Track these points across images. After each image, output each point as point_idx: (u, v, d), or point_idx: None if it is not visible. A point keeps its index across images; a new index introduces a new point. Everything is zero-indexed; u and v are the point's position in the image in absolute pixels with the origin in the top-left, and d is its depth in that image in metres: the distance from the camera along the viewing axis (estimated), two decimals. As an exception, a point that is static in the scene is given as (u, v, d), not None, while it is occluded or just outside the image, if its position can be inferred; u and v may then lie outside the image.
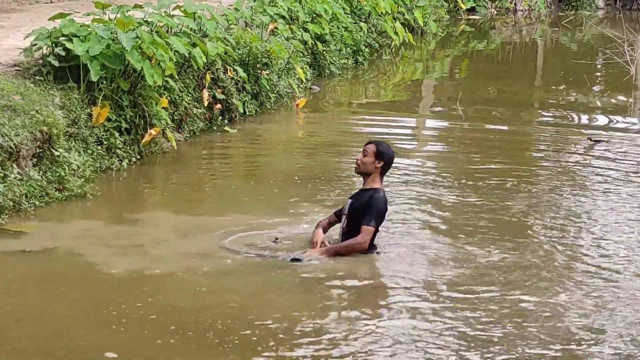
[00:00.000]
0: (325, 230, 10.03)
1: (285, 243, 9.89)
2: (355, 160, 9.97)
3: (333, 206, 10.83)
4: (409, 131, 16.65)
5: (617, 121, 17.74)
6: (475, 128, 16.55)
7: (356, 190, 10.14)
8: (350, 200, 9.87)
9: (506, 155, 14.73)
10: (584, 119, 18.17)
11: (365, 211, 9.56)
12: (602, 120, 17.94)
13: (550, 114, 18.43)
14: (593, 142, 15.34)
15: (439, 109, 18.76)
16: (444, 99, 19.46)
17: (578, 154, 14.81)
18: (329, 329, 8.05)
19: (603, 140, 15.47)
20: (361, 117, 17.10)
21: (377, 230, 9.62)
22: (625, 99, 20.04)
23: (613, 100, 19.92)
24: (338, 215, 10.02)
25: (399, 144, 15.07)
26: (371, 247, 9.63)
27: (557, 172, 13.87)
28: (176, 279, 9.10)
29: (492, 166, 13.88)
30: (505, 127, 17.11)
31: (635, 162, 14.28)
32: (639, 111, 19.11)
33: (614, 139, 15.73)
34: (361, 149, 9.97)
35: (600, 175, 13.56)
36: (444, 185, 12.78)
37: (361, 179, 10.05)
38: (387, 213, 9.86)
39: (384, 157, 9.81)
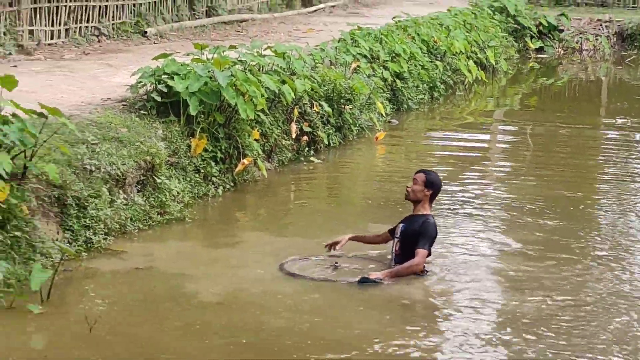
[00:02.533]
0: (369, 241, 10.26)
1: (353, 266, 9.92)
2: (406, 188, 10.01)
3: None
4: (480, 159, 16.63)
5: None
6: (541, 158, 16.49)
7: (407, 215, 10.06)
8: (402, 225, 9.85)
9: (570, 182, 14.65)
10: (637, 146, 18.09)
11: (419, 236, 9.56)
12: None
13: (613, 146, 18.25)
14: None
15: (508, 137, 18.81)
16: (514, 129, 19.44)
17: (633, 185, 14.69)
18: (404, 341, 8.14)
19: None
20: (435, 147, 17.09)
21: (429, 254, 9.67)
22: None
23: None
24: (391, 232, 10.04)
25: (470, 169, 15.25)
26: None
27: (620, 198, 13.84)
28: (262, 299, 9.17)
29: (557, 192, 13.83)
30: (570, 154, 17.00)
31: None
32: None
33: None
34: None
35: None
36: (512, 210, 12.79)
37: (412, 206, 10.02)
38: (438, 235, 9.86)
39: (433, 186, 9.87)
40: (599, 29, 33.55)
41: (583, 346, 8.13)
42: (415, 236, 9.62)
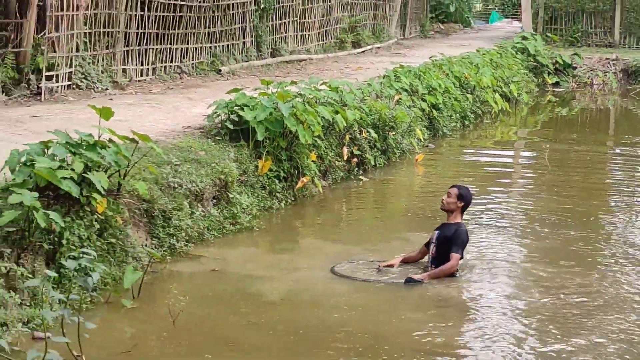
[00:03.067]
0: (414, 260, 10.07)
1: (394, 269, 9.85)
2: (441, 200, 10.02)
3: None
4: (505, 177, 16.58)
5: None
6: (557, 175, 16.40)
7: (441, 223, 10.05)
8: (437, 232, 9.85)
9: (582, 196, 14.54)
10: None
11: (452, 242, 9.59)
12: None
13: (619, 165, 18.12)
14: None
15: (529, 158, 18.73)
16: (534, 151, 19.35)
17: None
18: (453, 340, 8.19)
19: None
20: (466, 167, 17.04)
21: (462, 257, 9.67)
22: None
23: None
24: (427, 244, 9.98)
25: (496, 185, 15.17)
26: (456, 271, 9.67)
27: (625, 210, 13.72)
28: (317, 297, 9.23)
29: (571, 204, 13.74)
30: (581, 173, 16.90)
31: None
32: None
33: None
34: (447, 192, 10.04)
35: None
36: (531, 220, 12.72)
37: (445, 215, 10.04)
38: (469, 241, 9.92)
39: (464, 199, 9.92)
40: (607, 66, 33.36)
41: (594, 338, 8.11)
42: (449, 242, 9.65)
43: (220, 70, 21.22)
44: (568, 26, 39.06)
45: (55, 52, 16.25)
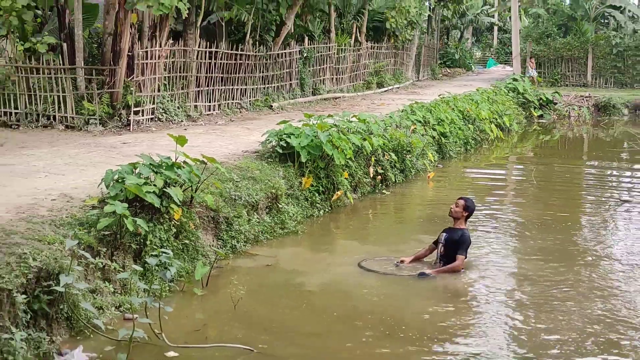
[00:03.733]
0: (423, 256, 9.96)
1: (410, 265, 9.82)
2: (450, 209, 9.94)
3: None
4: (499, 189, 16.48)
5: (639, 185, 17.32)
6: (541, 189, 16.28)
7: (448, 227, 9.90)
8: (444, 234, 9.74)
9: (562, 205, 14.38)
10: (615, 183, 17.76)
11: (459, 244, 9.51)
12: (628, 184, 17.53)
13: (592, 180, 17.93)
14: (623, 201, 14.93)
15: (518, 174, 18.61)
16: (522, 169, 19.24)
17: (610, 211, 14.38)
18: (459, 322, 8.15)
19: (629, 200, 15.05)
20: (468, 182, 16.95)
21: (466, 257, 9.58)
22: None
23: (637, 172, 19.36)
24: (435, 243, 9.90)
25: (492, 196, 15.05)
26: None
27: (597, 216, 13.57)
28: (349, 287, 9.19)
29: (553, 212, 13.60)
30: (561, 187, 16.76)
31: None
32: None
33: (635, 200, 15.27)
34: (455, 202, 9.97)
35: (627, 221, 13.30)
36: (520, 225, 12.64)
37: (452, 220, 9.91)
38: (472, 244, 9.82)
39: (469, 209, 9.85)
40: (582, 102, 33.27)
41: (574, 319, 8.09)
42: (455, 244, 9.57)
43: (272, 106, 21.32)
44: (550, 70, 39.02)
45: (141, 92, 16.41)
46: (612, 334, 7.78)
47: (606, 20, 43.16)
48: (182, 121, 17.46)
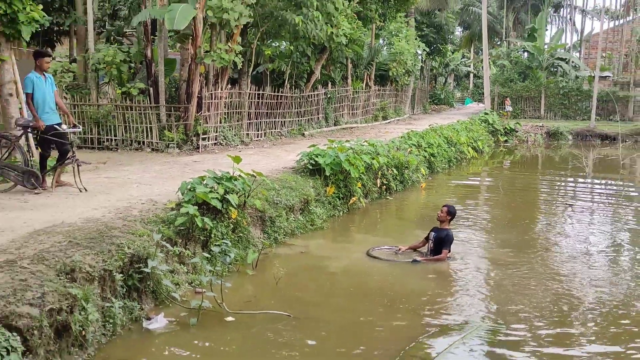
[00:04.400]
0: (416, 247, 9.83)
1: (405, 252, 9.77)
2: (437, 214, 9.84)
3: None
4: (474, 195, 16.37)
5: (580, 192, 17.13)
6: (507, 195, 16.14)
7: (435, 227, 9.79)
8: (433, 233, 9.63)
9: (523, 208, 14.27)
10: (562, 190, 17.57)
11: (444, 242, 9.40)
12: (571, 192, 17.35)
13: (546, 187, 17.73)
14: (568, 205, 14.80)
15: (489, 184, 18.48)
16: (492, 180, 19.10)
17: (559, 211, 14.28)
18: (444, 296, 8.11)
19: (574, 204, 14.91)
20: (451, 189, 16.83)
21: (449, 251, 9.45)
22: (583, 181, 19.27)
23: (578, 182, 19.18)
24: (426, 238, 9.79)
25: (469, 200, 14.96)
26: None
27: (552, 216, 13.47)
28: (364, 269, 9.14)
29: (515, 213, 13.51)
30: (521, 193, 16.59)
31: (589, 214, 13.79)
32: (590, 187, 18.26)
33: (577, 203, 15.13)
34: (440, 209, 9.88)
35: (571, 218, 13.16)
36: (491, 222, 12.56)
37: (438, 222, 9.80)
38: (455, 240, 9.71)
39: (452, 213, 9.74)
40: (536, 130, 33.00)
41: (535, 294, 8.03)
42: (441, 241, 9.47)
43: (304, 134, 21.33)
44: (512, 106, 38.72)
45: (207, 123, 16.49)
46: (563, 304, 7.75)
47: (555, 69, 42.82)
48: (237, 145, 17.52)
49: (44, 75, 9.95)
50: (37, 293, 5.56)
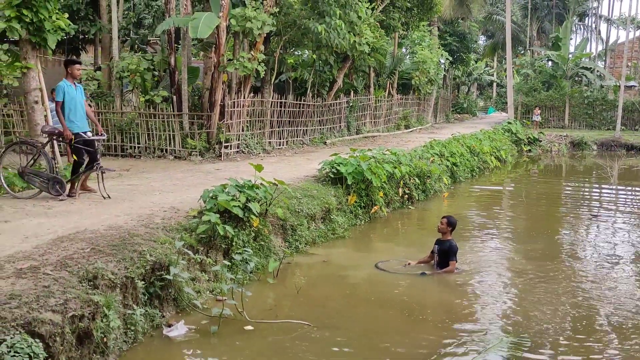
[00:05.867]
0: (425, 262, 9.57)
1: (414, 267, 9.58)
2: (437, 226, 9.58)
3: (461, 239, 10.71)
4: (497, 204, 16.26)
5: (607, 202, 16.88)
6: (529, 204, 16.01)
7: (438, 239, 9.52)
8: (436, 246, 9.39)
9: (544, 217, 14.15)
10: (586, 201, 17.32)
11: (449, 253, 9.19)
12: (596, 203, 17.10)
13: (569, 198, 17.54)
14: (593, 216, 14.60)
15: (511, 192, 18.32)
16: (515, 188, 18.92)
17: (584, 221, 14.09)
18: (466, 308, 8.03)
19: (599, 215, 14.71)
20: (474, 198, 16.77)
21: (456, 261, 9.24)
22: (609, 191, 19.03)
23: (603, 191, 18.93)
24: (432, 252, 9.54)
25: (491, 209, 14.85)
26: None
27: (574, 226, 13.29)
28: (388, 280, 9.06)
29: (536, 223, 13.39)
30: (545, 204, 16.47)
31: (612, 226, 13.57)
32: (614, 198, 18.00)
33: (604, 214, 14.92)
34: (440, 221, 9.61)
35: (597, 229, 12.98)
36: (514, 232, 12.43)
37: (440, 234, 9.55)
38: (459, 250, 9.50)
39: (452, 224, 9.46)
40: (560, 140, 32.72)
41: (555, 306, 7.89)
42: (446, 253, 9.24)
43: (326, 142, 21.34)
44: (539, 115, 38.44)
45: (229, 131, 16.57)
46: (589, 318, 7.60)
47: (580, 78, 42.43)
48: (259, 153, 17.57)
49: (74, 84, 10.08)
50: (59, 300, 5.60)
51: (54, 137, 10.25)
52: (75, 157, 10.06)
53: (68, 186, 10.07)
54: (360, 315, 7.66)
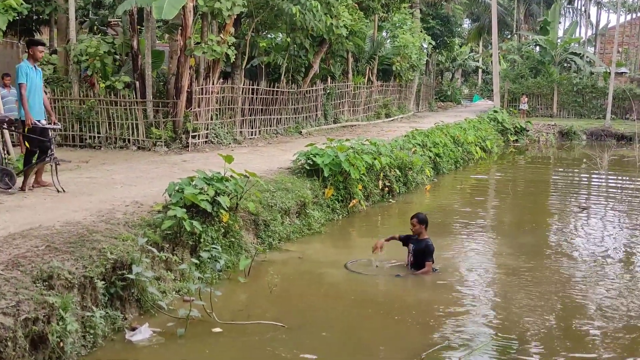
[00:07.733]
0: (388, 240, 9.44)
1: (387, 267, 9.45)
2: (410, 228, 9.36)
3: (443, 234, 10.78)
4: (482, 194, 16.38)
5: (596, 194, 17.10)
6: (516, 196, 16.17)
7: (414, 238, 9.32)
8: (412, 245, 9.24)
9: (531, 209, 14.29)
10: (574, 193, 17.49)
11: (425, 253, 9.08)
12: (585, 194, 17.32)
13: (558, 188, 17.78)
14: (583, 208, 14.79)
15: (497, 184, 18.46)
16: (501, 179, 19.07)
17: (572, 214, 14.26)
18: (451, 307, 8.07)
19: (588, 207, 14.90)
20: (457, 190, 16.89)
21: (432, 262, 9.13)
22: (596, 182, 19.34)
23: (591, 182, 19.20)
24: (402, 238, 9.43)
25: (475, 201, 14.98)
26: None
27: (562, 218, 13.43)
28: (367, 278, 9.03)
29: (524, 216, 13.53)
30: (532, 197, 16.64)
31: (600, 218, 13.76)
32: (604, 190, 18.26)
33: (593, 206, 15.13)
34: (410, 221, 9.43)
35: (584, 220, 13.14)
36: (501, 227, 12.52)
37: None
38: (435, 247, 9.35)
39: (424, 222, 9.30)
40: (548, 129, 33.09)
41: (543, 301, 7.96)
42: (422, 253, 9.14)
43: (301, 132, 21.32)
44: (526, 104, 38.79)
45: (197, 120, 16.46)
46: (571, 310, 7.74)
47: (568, 64, 42.96)
48: (229, 144, 17.48)
49: (34, 67, 9.93)
50: (11, 301, 5.50)
51: (4, 126, 10.06)
52: (27, 144, 9.89)
53: (19, 179, 9.89)
54: (337, 315, 7.65)
